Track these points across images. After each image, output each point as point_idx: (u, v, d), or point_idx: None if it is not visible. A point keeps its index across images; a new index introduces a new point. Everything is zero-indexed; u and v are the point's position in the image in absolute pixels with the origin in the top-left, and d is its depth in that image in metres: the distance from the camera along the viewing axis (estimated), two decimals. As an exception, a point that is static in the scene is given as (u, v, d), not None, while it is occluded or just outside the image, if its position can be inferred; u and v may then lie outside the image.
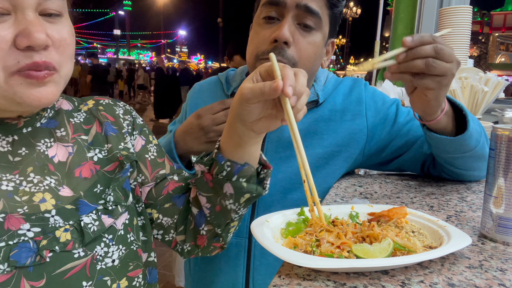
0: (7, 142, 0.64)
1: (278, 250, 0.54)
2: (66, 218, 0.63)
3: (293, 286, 0.51)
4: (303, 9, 0.89)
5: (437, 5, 2.59)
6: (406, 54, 0.75)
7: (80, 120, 0.75)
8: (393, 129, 1.03)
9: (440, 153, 0.92)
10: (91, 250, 0.64)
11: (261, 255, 0.99)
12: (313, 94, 1.02)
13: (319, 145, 1.00)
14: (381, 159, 1.06)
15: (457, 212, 0.79)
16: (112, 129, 0.77)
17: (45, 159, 0.66)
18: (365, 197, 0.90)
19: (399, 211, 0.69)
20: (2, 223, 0.57)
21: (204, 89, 1.16)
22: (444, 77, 0.75)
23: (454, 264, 0.56)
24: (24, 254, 0.57)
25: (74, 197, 0.66)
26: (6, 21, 0.55)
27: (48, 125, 0.70)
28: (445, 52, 0.73)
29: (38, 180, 0.64)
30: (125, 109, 0.82)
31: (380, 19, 3.68)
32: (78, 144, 0.71)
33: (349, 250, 0.57)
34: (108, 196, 0.70)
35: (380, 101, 1.05)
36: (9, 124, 0.64)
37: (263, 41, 0.91)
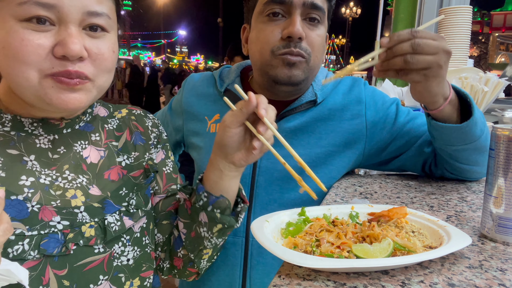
0: (49, 140, 0.69)
1: (278, 250, 0.54)
2: (93, 215, 0.69)
3: (293, 286, 0.51)
4: (309, 6, 0.91)
5: (437, 5, 2.59)
6: (386, 53, 0.77)
7: (113, 126, 0.81)
8: (393, 129, 1.02)
9: (443, 145, 0.92)
10: (110, 248, 0.70)
11: (258, 254, 0.99)
12: (311, 94, 1.02)
13: (317, 145, 1.00)
14: (381, 158, 1.06)
15: (457, 212, 0.79)
16: (141, 139, 0.83)
17: (80, 158, 0.72)
18: (365, 197, 0.90)
19: (399, 211, 0.69)
20: (37, 213, 0.63)
21: (198, 85, 1.16)
22: (429, 69, 0.77)
23: (454, 264, 0.56)
24: (52, 244, 0.62)
25: (101, 197, 0.72)
26: (49, 31, 0.60)
27: (85, 128, 0.76)
28: (424, 46, 0.74)
29: (72, 177, 0.70)
30: (153, 122, 0.88)
31: (380, 19, 3.69)
32: (109, 149, 0.77)
33: (349, 250, 0.57)
34: (131, 199, 0.76)
35: (380, 101, 1.05)
36: (52, 124, 0.70)
37: (274, 38, 0.93)
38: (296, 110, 1.01)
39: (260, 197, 0.99)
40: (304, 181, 0.97)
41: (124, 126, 0.83)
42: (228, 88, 1.07)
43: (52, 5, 0.58)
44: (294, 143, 0.99)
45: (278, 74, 0.94)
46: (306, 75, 0.95)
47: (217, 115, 1.06)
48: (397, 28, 3.11)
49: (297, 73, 0.93)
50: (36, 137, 0.68)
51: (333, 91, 1.05)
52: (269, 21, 0.94)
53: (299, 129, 1.01)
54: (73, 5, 0.60)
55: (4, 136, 0.65)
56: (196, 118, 1.10)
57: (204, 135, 1.07)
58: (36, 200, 0.64)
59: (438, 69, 0.77)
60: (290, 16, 0.92)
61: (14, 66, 0.59)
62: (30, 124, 0.68)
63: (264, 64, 0.96)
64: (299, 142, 1.00)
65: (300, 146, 1.00)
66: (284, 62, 0.92)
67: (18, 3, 0.58)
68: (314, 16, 0.93)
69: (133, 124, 0.84)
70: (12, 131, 0.66)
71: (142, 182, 0.80)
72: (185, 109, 1.12)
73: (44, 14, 0.58)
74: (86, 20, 0.62)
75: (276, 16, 0.93)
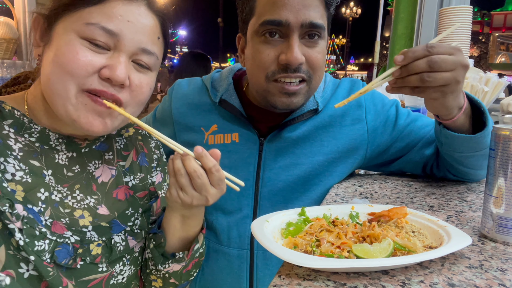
0: (67, 157, 0.72)
1: (278, 250, 0.54)
2: (101, 234, 0.71)
3: (293, 286, 0.51)
4: (308, 27, 0.85)
5: (437, 5, 2.59)
6: (401, 70, 0.73)
7: (120, 146, 0.83)
8: (394, 132, 1.02)
9: (452, 152, 0.90)
10: (112, 267, 0.72)
11: (264, 266, 0.98)
12: (313, 102, 0.99)
13: (319, 153, 0.99)
14: (382, 160, 1.06)
15: (457, 212, 0.79)
16: (145, 161, 0.85)
17: (91, 179, 0.75)
18: (365, 197, 0.90)
19: (399, 211, 0.69)
20: (49, 227, 0.65)
21: (188, 93, 1.08)
22: (446, 86, 0.73)
23: (454, 264, 0.56)
24: (63, 254, 0.65)
25: (110, 217, 0.74)
26: (102, 54, 0.64)
27: (100, 147, 0.78)
28: (442, 63, 0.70)
29: (81, 198, 0.72)
30: (156, 144, 0.90)
31: (381, 19, 3.69)
32: (118, 169, 0.80)
33: (349, 250, 0.57)
34: (136, 220, 0.78)
35: (379, 104, 1.03)
36: (75, 143, 0.73)
37: (269, 62, 0.87)
38: (297, 120, 0.98)
39: (264, 208, 0.98)
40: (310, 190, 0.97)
41: (131, 146, 0.84)
42: (222, 98, 1.01)
43: (115, 33, 0.63)
44: (296, 153, 0.98)
45: (277, 102, 0.90)
46: (306, 98, 0.92)
47: (215, 126, 1.02)
48: (397, 28, 3.11)
49: (297, 100, 0.90)
50: (56, 152, 0.70)
51: (332, 96, 1.03)
52: (265, 43, 0.87)
53: (301, 138, 0.99)
54: (132, 38, 0.65)
55: (29, 146, 0.67)
56: (191, 129, 1.05)
57: None
58: (48, 215, 0.66)
59: (456, 85, 0.73)
60: (287, 38, 0.86)
61: (59, 74, 0.62)
62: (55, 139, 0.70)
63: (261, 89, 0.92)
64: (302, 151, 0.99)
65: (303, 155, 0.98)
66: (282, 91, 0.88)
67: (85, 23, 0.63)
68: (314, 34, 0.87)
69: (139, 144, 0.86)
70: (37, 143, 0.68)
71: (146, 204, 0.82)
72: (176, 119, 1.07)
73: (105, 40, 0.63)
74: (138, 55, 0.67)
75: (273, 36, 0.86)
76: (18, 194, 0.63)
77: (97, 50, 0.64)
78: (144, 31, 0.67)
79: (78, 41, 0.63)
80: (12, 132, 0.66)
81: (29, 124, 0.68)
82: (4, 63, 2.38)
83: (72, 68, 0.62)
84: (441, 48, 0.71)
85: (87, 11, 0.63)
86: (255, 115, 1.01)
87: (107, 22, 0.63)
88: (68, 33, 0.63)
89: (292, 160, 0.98)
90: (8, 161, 0.63)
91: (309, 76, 0.89)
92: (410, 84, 0.73)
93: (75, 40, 0.63)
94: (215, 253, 1.01)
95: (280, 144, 0.98)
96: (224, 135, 1.01)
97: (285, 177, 0.98)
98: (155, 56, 0.70)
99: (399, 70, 0.73)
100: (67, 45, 0.62)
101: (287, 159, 0.98)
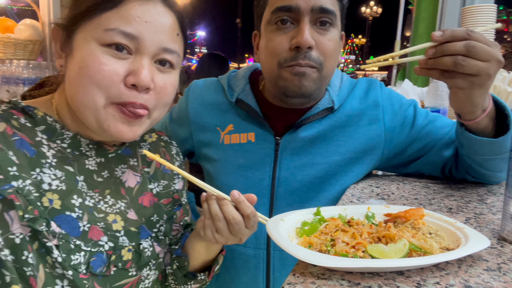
0: (96, 163, 0.73)
1: (292, 249, 0.55)
2: (131, 239, 0.72)
3: (307, 284, 0.51)
4: (318, 11, 0.87)
5: (459, 3, 2.54)
6: (436, 49, 0.70)
7: None
8: (411, 132, 1.00)
9: (472, 154, 0.88)
10: (140, 271, 0.74)
11: (280, 266, 0.98)
12: (328, 100, 0.99)
13: (336, 152, 0.98)
14: (399, 161, 1.05)
15: (476, 215, 0.78)
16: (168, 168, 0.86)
17: (119, 183, 0.76)
18: (382, 198, 0.90)
19: (416, 212, 0.68)
20: (87, 233, 0.66)
21: (204, 93, 1.09)
22: (477, 77, 0.70)
23: (471, 267, 0.55)
24: (97, 263, 0.66)
25: (138, 222, 0.75)
26: (125, 60, 0.65)
27: (124, 152, 0.79)
28: (479, 50, 0.68)
29: (112, 202, 0.73)
30: (177, 150, 0.91)
31: (401, 18, 3.63)
32: (143, 176, 0.81)
33: (364, 250, 0.57)
34: (161, 226, 0.79)
35: (397, 104, 1.02)
36: (104, 148, 0.74)
37: (282, 49, 0.89)
38: (313, 118, 0.98)
39: (280, 208, 0.98)
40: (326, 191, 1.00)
41: (155, 152, 0.85)
42: (239, 98, 1.02)
43: (135, 36, 0.63)
44: (312, 152, 0.98)
45: (289, 86, 0.90)
46: (317, 85, 0.92)
47: (230, 126, 1.03)
48: (418, 28, 3.06)
49: (307, 83, 0.90)
50: (86, 158, 0.71)
51: (349, 96, 1.02)
52: (277, 30, 0.89)
53: (317, 137, 0.98)
54: (152, 39, 0.65)
55: (61, 152, 0.68)
56: (207, 129, 1.05)
57: (217, 147, 1.04)
58: (86, 220, 0.66)
59: (487, 78, 0.71)
60: (298, 23, 0.88)
61: (87, 87, 0.62)
62: (86, 145, 0.71)
63: (273, 76, 0.93)
64: (317, 150, 0.98)
65: (319, 155, 0.98)
66: (293, 73, 0.89)
67: (104, 29, 0.63)
68: (325, 19, 0.88)
69: (162, 150, 0.87)
70: (69, 149, 0.69)
71: (170, 211, 0.83)
72: (193, 119, 1.07)
73: (125, 43, 0.63)
74: (160, 54, 0.67)
75: (285, 24, 0.88)
76: (56, 203, 0.63)
77: (120, 56, 0.64)
78: (163, 30, 0.67)
79: (100, 50, 0.63)
80: (44, 138, 0.66)
81: (61, 130, 0.68)
82: (30, 64, 2.46)
83: (99, 80, 0.62)
84: (481, 36, 0.69)
85: (104, 17, 0.63)
86: (271, 114, 1.01)
87: (126, 26, 0.63)
88: (89, 42, 0.63)
89: (308, 160, 0.98)
90: (44, 171, 0.64)
91: (320, 63, 0.89)
92: (442, 66, 0.71)
93: (96, 49, 0.63)
94: (231, 253, 1.01)
95: (296, 144, 0.98)
96: (240, 135, 1.02)
97: (301, 176, 0.97)
98: (177, 53, 0.70)
99: (432, 49, 0.71)
100: (90, 56, 0.62)
101: (303, 158, 0.98)
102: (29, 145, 0.63)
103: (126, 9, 0.63)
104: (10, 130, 0.62)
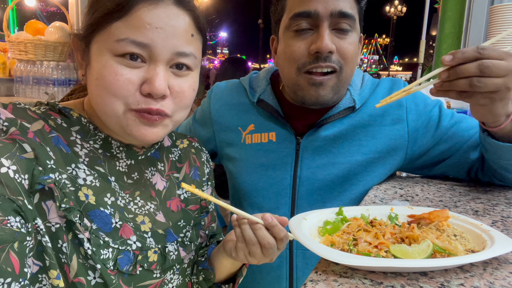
0: (126, 165, 0.75)
1: (315, 247, 0.56)
2: (157, 241, 0.74)
3: (329, 282, 0.52)
4: (337, 16, 0.86)
5: (488, 2, 2.47)
6: (449, 73, 0.69)
7: (175, 157, 0.85)
8: (436, 133, 0.99)
9: (497, 159, 0.86)
10: (164, 274, 0.75)
11: (304, 266, 0.98)
12: (349, 100, 0.99)
13: (358, 152, 0.98)
14: (423, 163, 1.03)
15: (504, 218, 0.76)
16: (197, 175, 0.88)
17: (149, 185, 0.78)
18: (405, 199, 0.89)
19: (440, 214, 0.67)
20: (118, 230, 0.68)
21: (225, 94, 1.11)
22: (496, 93, 0.69)
23: (497, 269, 0.55)
24: (125, 261, 0.68)
25: (165, 225, 0.77)
26: (140, 68, 0.64)
27: (154, 155, 0.81)
28: (493, 68, 0.66)
29: (141, 204, 0.75)
30: (207, 157, 0.93)
31: (426, 17, 3.56)
32: (171, 181, 0.82)
33: (386, 250, 0.57)
34: (187, 232, 0.81)
35: (421, 104, 1.00)
36: (134, 151, 0.76)
37: (300, 54, 0.89)
38: (334, 118, 0.98)
39: (301, 207, 0.99)
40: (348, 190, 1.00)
41: (185, 158, 0.86)
42: (260, 98, 1.04)
43: (146, 45, 0.63)
44: (334, 152, 0.98)
45: (305, 95, 0.91)
46: (335, 91, 0.92)
47: (252, 126, 1.04)
48: (444, 27, 2.99)
49: (324, 93, 0.90)
50: (117, 160, 0.73)
51: (371, 95, 1.02)
52: (296, 36, 0.89)
53: (338, 137, 0.98)
54: (164, 45, 0.64)
55: (93, 152, 0.70)
56: (229, 129, 1.07)
57: (239, 146, 1.05)
58: (118, 217, 0.69)
59: (506, 92, 0.70)
60: (317, 29, 0.87)
61: (105, 97, 0.64)
62: (117, 147, 0.73)
63: (291, 82, 0.93)
64: (339, 150, 0.98)
65: (341, 155, 0.98)
66: (310, 82, 0.89)
67: (115, 40, 0.62)
68: (344, 25, 0.88)
69: (192, 157, 0.88)
70: (100, 150, 0.71)
71: (197, 217, 0.84)
72: (215, 120, 1.09)
73: (138, 51, 0.63)
74: (174, 59, 0.66)
75: (303, 29, 0.88)
76: (91, 198, 0.66)
77: (134, 65, 0.63)
78: (175, 34, 0.65)
79: (114, 60, 0.63)
80: (78, 138, 0.69)
81: (94, 132, 0.71)
82: (59, 65, 2.55)
83: (115, 90, 0.63)
84: (492, 51, 0.67)
85: (114, 27, 0.63)
86: (292, 114, 1.02)
87: (136, 35, 0.62)
88: (103, 54, 0.63)
89: (330, 159, 0.98)
90: (79, 166, 0.66)
91: (340, 67, 0.89)
92: (458, 88, 0.70)
93: (111, 60, 0.63)
94: None
95: (317, 143, 0.99)
96: (261, 134, 1.03)
97: (323, 176, 0.98)
98: (193, 55, 0.68)
99: (446, 72, 0.70)
100: (105, 67, 0.63)
101: (325, 158, 0.98)
102: (64, 143, 0.66)
103: (136, 16, 0.62)
104: (48, 128, 0.65)
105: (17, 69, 2.53)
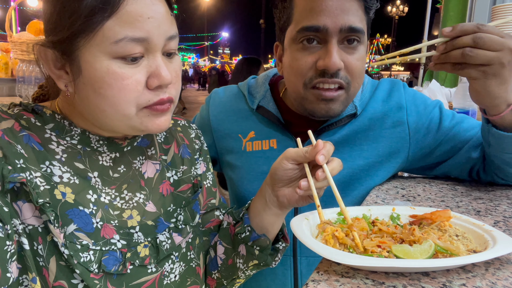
0: (110, 158, 0.72)
1: (317, 247, 0.56)
2: (146, 234, 0.72)
3: (331, 282, 0.52)
4: (347, 31, 0.83)
5: (490, 2, 2.47)
6: (446, 44, 0.73)
7: (161, 139, 0.83)
8: (438, 134, 0.98)
9: (500, 153, 0.86)
10: (161, 267, 0.72)
11: (308, 273, 0.98)
12: (351, 106, 0.98)
13: (359, 157, 0.97)
14: (425, 164, 1.03)
15: (506, 218, 0.76)
16: (187, 152, 0.85)
17: (138, 175, 0.75)
18: (407, 199, 0.89)
19: (442, 214, 0.67)
20: (99, 230, 0.66)
21: (224, 101, 1.09)
22: (489, 66, 0.71)
23: (499, 269, 0.55)
24: (111, 262, 0.65)
25: (156, 214, 0.75)
26: (141, 64, 0.62)
27: (142, 143, 0.78)
28: (487, 41, 0.69)
29: (129, 197, 0.73)
30: (196, 133, 0.90)
31: (428, 17, 3.56)
32: (162, 163, 0.80)
33: (389, 250, 0.57)
34: (179, 215, 0.78)
35: (421, 105, 1.00)
36: (115, 143, 0.73)
37: (307, 69, 0.87)
38: (335, 125, 0.97)
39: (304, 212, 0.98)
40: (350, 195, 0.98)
41: (171, 138, 0.84)
42: (260, 104, 1.02)
43: (144, 38, 0.60)
44: (335, 157, 0.98)
45: (315, 109, 0.90)
46: (345, 105, 0.91)
47: (252, 133, 1.03)
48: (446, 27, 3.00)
49: (335, 106, 0.89)
50: (99, 154, 0.70)
51: (371, 98, 1.01)
52: (303, 50, 0.87)
53: (339, 142, 0.98)
54: (159, 34, 0.62)
55: (72, 148, 0.67)
56: (228, 136, 1.06)
57: (239, 154, 1.04)
58: (99, 217, 0.66)
59: (500, 67, 0.71)
60: (325, 44, 0.85)
61: (114, 105, 0.61)
62: (96, 141, 0.70)
63: (299, 96, 0.92)
64: (341, 156, 0.96)
65: (343, 160, 0.96)
66: (320, 98, 0.88)
67: (113, 42, 0.58)
68: (353, 38, 0.85)
69: (179, 136, 0.85)
70: (79, 145, 0.68)
71: (189, 197, 0.81)
72: (214, 127, 1.07)
73: (138, 50, 0.60)
74: (167, 45, 0.65)
75: (311, 42, 0.85)
76: (69, 197, 0.63)
77: (135, 63, 0.61)
78: (163, 19, 0.63)
79: (116, 65, 0.60)
80: (54, 135, 0.66)
81: (69, 127, 0.68)
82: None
83: (126, 96, 0.61)
84: (492, 28, 0.70)
85: (107, 28, 0.58)
86: (293, 120, 1.01)
87: (133, 31, 0.59)
88: (101, 60, 0.59)
89: (344, 153, 0.97)
90: (53, 164, 0.63)
91: (348, 83, 0.88)
92: (452, 60, 0.73)
93: (112, 64, 0.59)
94: None
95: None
96: (262, 142, 1.02)
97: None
98: (177, 36, 0.67)
99: (443, 44, 0.73)
100: (108, 74, 0.59)
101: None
102: (36, 141, 0.64)
103: (126, 11, 0.58)
104: (18, 126, 0.63)
105: (19, 69, 2.54)
